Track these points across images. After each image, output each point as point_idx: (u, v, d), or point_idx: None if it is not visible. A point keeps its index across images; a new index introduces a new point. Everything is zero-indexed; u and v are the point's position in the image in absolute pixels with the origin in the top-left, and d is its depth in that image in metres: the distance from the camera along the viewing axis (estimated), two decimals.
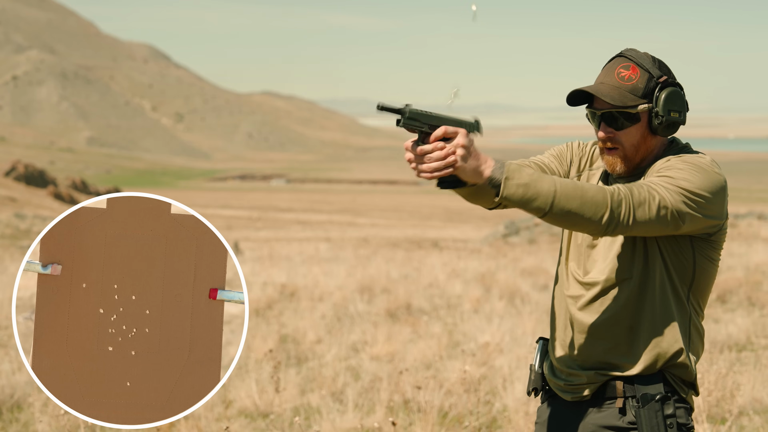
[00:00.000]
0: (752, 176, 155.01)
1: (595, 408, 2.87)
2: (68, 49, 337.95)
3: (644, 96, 2.80)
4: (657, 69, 2.82)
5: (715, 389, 6.55)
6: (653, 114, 2.80)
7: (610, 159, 2.85)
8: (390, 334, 9.85)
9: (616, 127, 2.82)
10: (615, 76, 2.82)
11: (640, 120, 2.81)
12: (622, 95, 2.78)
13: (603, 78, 2.83)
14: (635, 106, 2.79)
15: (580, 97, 2.84)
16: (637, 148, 2.83)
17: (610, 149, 2.84)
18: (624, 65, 2.82)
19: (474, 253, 23.59)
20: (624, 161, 2.84)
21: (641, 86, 2.80)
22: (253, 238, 39.67)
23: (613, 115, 2.81)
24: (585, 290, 2.88)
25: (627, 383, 2.83)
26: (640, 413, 2.75)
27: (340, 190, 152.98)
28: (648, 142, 2.83)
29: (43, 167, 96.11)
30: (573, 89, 2.82)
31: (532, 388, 3.02)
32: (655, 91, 2.80)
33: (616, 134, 2.82)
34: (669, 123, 2.80)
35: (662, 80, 2.81)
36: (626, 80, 2.80)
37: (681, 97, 2.82)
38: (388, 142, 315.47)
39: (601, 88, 2.80)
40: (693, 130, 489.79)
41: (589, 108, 2.85)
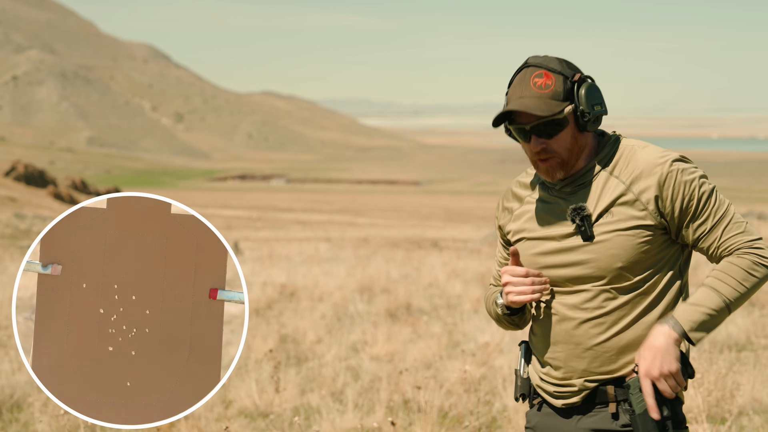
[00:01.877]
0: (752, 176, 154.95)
1: (587, 413, 2.85)
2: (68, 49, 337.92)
3: (565, 99, 2.79)
4: (567, 69, 2.82)
5: (714, 389, 6.55)
6: (579, 113, 2.80)
7: (546, 167, 2.83)
8: (390, 334, 9.86)
9: (548, 136, 2.81)
10: (532, 87, 2.80)
11: (568, 122, 2.81)
12: (547, 104, 2.77)
13: (520, 92, 2.81)
14: (561, 111, 2.78)
15: (502, 118, 2.84)
16: (571, 150, 2.82)
17: (545, 159, 2.83)
18: (537, 74, 2.81)
19: (474, 253, 23.59)
20: (561, 167, 2.83)
21: (560, 90, 2.79)
22: (253, 238, 39.66)
23: (541, 125, 2.80)
24: (574, 298, 2.87)
25: (618, 387, 2.81)
26: (635, 418, 2.74)
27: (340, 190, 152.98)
28: (579, 140, 2.83)
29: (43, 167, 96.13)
30: (500, 113, 2.81)
31: (520, 394, 3.00)
32: (574, 90, 2.80)
33: (548, 143, 2.81)
34: (595, 117, 2.81)
35: (576, 78, 2.81)
36: (544, 88, 2.79)
37: (597, 89, 2.83)
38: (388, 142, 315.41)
39: (526, 102, 2.78)
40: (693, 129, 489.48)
41: (514, 125, 2.83)
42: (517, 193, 2.99)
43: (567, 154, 2.82)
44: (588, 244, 2.80)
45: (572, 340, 2.84)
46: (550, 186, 2.90)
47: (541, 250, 2.88)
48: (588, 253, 2.81)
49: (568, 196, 2.85)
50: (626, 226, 2.77)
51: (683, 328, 2.71)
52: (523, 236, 2.92)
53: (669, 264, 2.82)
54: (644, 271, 2.79)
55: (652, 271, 2.80)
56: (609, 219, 2.78)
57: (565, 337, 2.85)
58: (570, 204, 2.83)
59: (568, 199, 2.85)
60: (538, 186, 2.94)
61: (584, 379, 2.84)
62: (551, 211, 2.87)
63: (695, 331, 2.71)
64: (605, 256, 2.79)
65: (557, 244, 2.85)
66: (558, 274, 2.85)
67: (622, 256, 2.77)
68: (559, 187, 2.87)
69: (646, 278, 2.80)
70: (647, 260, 2.79)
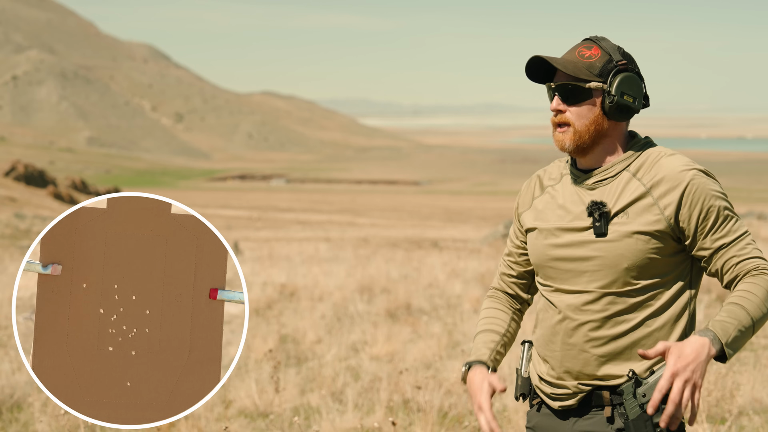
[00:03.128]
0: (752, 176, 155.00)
1: (583, 416, 2.85)
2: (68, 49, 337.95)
3: (600, 75, 2.80)
4: (619, 55, 2.83)
5: (714, 389, 6.55)
6: (606, 93, 2.80)
7: (559, 136, 2.85)
8: (390, 334, 9.86)
9: (569, 101, 2.82)
10: (576, 54, 2.84)
11: (592, 97, 2.81)
12: (577, 68, 2.80)
13: (564, 55, 2.86)
14: (587, 81, 2.79)
15: (540, 75, 2.87)
16: (588, 128, 2.82)
17: (561, 125, 2.84)
18: (587, 45, 2.85)
19: (474, 253, 23.59)
20: (574, 138, 2.82)
21: (599, 65, 2.81)
22: (252, 238, 39.66)
23: (566, 88, 2.81)
24: (576, 298, 2.87)
25: (613, 393, 2.81)
26: (630, 424, 2.73)
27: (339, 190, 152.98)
28: (601, 123, 2.82)
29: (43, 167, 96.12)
30: (532, 56, 2.83)
31: (520, 394, 2.99)
32: (611, 73, 2.81)
33: (567, 108, 2.82)
34: (620, 106, 2.80)
35: (621, 64, 2.82)
36: (586, 58, 2.82)
37: (638, 85, 2.82)
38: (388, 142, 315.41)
39: (558, 59, 2.82)
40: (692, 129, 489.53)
41: (547, 83, 2.87)
42: (543, 182, 3.00)
43: (582, 129, 2.82)
44: (599, 241, 2.80)
45: (569, 341, 2.84)
46: (574, 177, 2.90)
47: (554, 242, 2.88)
48: (597, 251, 2.80)
49: (589, 191, 2.85)
50: (638, 229, 2.76)
51: (722, 343, 2.64)
52: (537, 226, 2.93)
53: (677, 275, 2.81)
54: (650, 278, 2.78)
55: (658, 279, 2.78)
56: (623, 219, 2.77)
57: (563, 337, 2.85)
58: (590, 198, 2.83)
59: (589, 193, 2.85)
60: (564, 178, 2.95)
61: (578, 382, 2.83)
62: (571, 204, 2.87)
63: (729, 347, 2.65)
64: (613, 255, 2.78)
65: (570, 237, 2.84)
66: (565, 268, 2.85)
67: (629, 258, 2.76)
68: (581, 179, 2.87)
69: (650, 286, 2.78)
70: (654, 267, 2.77)
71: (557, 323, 2.86)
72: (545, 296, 2.93)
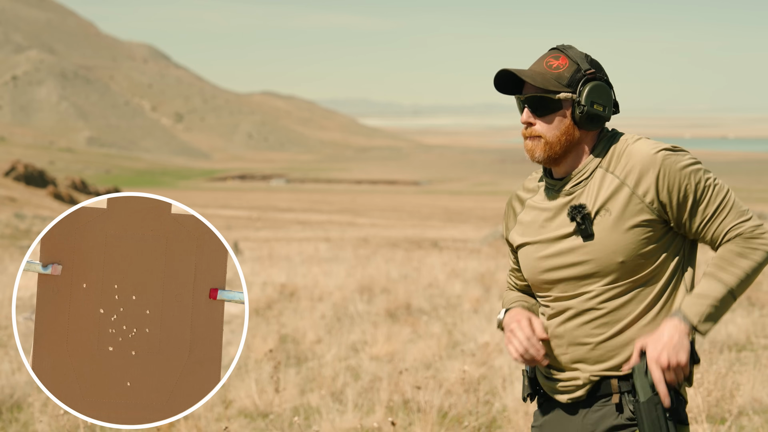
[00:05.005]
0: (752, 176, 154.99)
1: (592, 407, 2.86)
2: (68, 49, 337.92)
3: (569, 85, 2.80)
4: (587, 63, 2.83)
5: (714, 389, 6.55)
6: (575, 104, 2.80)
7: (530, 144, 2.85)
8: (390, 334, 9.85)
9: (538, 113, 2.82)
10: (543, 65, 2.84)
11: (562, 108, 2.81)
12: (545, 80, 2.79)
13: (532, 66, 2.85)
14: (556, 92, 2.79)
15: (509, 87, 2.86)
16: (559, 138, 2.82)
17: (532, 137, 2.85)
18: (554, 55, 2.85)
19: (473, 253, 23.59)
20: (545, 149, 2.82)
21: (567, 75, 2.81)
22: (252, 238, 39.66)
23: (535, 100, 2.81)
24: (579, 295, 2.87)
25: (622, 379, 2.82)
26: (639, 407, 2.74)
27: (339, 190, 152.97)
28: (572, 133, 2.82)
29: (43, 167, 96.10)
30: (499, 69, 2.83)
31: (527, 394, 3.01)
32: (580, 83, 2.81)
33: (537, 121, 2.82)
34: (591, 115, 2.80)
35: (589, 73, 2.81)
36: (553, 68, 2.82)
37: (607, 93, 2.82)
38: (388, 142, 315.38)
39: (526, 71, 2.82)
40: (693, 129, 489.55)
41: (517, 95, 2.87)
42: (521, 196, 3.01)
43: (553, 140, 2.82)
44: (588, 243, 2.80)
45: (577, 338, 2.85)
46: (551, 187, 2.90)
47: (544, 254, 2.88)
48: (589, 253, 2.81)
49: (567, 196, 2.85)
50: (624, 222, 2.77)
51: (692, 322, 2.73)
52: (525, 241, 2.93)
53: (672, 257, 2.82)
54: (647, 266, 2.79)
55: (655, 265, 2.80)
56: (605, 216, 2.78)
57: (570, 335, 2.86)
58: (570, 203, 2.83)
59: (567, 198, 2.85)
60: (540, 189, 2.95)
61: (590, 374, 2.85)
62: (552, 213, 2.87)
63: (704, 323, 2.74)
64: (606, 254, 2.78)
65: (558, 245, 2.85)
66: (561, 276, 2.85)
67: (622, 252, 2.77)
68: (558, 187, 2.88)
69: (649, 273, 2.80)
70: (649, 255, 2.79)
71: (562, 323, 2.88)
72: (547, 305, 2.94)
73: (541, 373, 2.97)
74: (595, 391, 2.86)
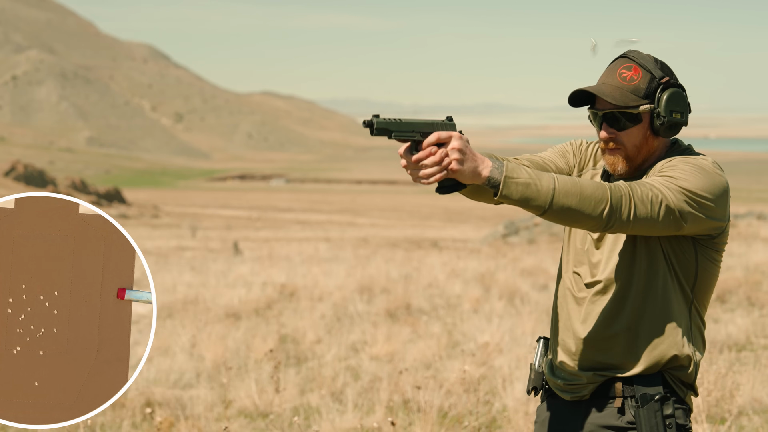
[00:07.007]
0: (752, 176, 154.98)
1: (594, 408, 2.87)
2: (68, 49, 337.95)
3: (646, 96, 2.79)
4: (659, 70, 2.81)
5: (714, 389, 6.55)
6: (655, 115, 2.79)
7: (611, 159, 2.85)
8: (390, 334, 9.85)
9: (618, 127, 2.82)
10: (617, 77, 2.81)
11: (642, 120, 2.81)
12: (624, 95, 2.78)
13: (605, 79, 2.83)
14: (637, 107, 2.79)
15: (581, 98, 2.84)
16: (639, 149, 2.82)
17: (612, 150, 2.84)
18: (626, 66, 2.82)
19: (473, 253, 23.58)
20: (626, 161, 2.83)
21: (643, 86, 2.79)
22: (252, 238, 39.66)
23: (614, 115, 2.81)
24: (587, 291, 2.88)
25: (626, 384, 2.83)
26: (639, 413, 2.75)
27: (339, 190, 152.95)
28: (650, 143, 2.83)
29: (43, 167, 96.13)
30: (575, 89, 2.81)
31: (532, 387, 3.03)
32: (657, 92, 2.79)
33: (617, 135, 2.82)
34: (671, 124, 2.80)
35: (664, 81, 2.80)
36: (628, 81, 2.80)
37: (683, 99, 2.82)
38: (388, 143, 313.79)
39: (603, 88, 2.80)
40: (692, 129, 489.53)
41: (591, 109, 2.85)
42: (597, 157, 3.00)
43: (633, 152, 2.82)
44: (611, 239, 2.85)
45: (583, 335, 2.87)
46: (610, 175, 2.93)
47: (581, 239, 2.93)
48: (609, 251, 2.85)
49: None
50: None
51: (503, 173, 2.56)
52: None
53: (684, 262, 2.83)
54: (659, 270, 2.81)
55: (666, 269, 2.82)
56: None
57: (576, 332, 2.88)
58: None
59: None
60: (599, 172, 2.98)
61: (593, 373, 2.86)
62: None
63: (504, 189, 2.56)
64: (621, 254, 2.83)
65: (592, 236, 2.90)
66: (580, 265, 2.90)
67: (636, 254, 2.81)
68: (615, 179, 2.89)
69: (660, 276, 2.81)
70: (661, 259, 2.81)
71: (569, 319, 2.91)
72: (559, 291, 2.96)
73: (549, 369, 2.98)
74: (599, 393, 2.87)
